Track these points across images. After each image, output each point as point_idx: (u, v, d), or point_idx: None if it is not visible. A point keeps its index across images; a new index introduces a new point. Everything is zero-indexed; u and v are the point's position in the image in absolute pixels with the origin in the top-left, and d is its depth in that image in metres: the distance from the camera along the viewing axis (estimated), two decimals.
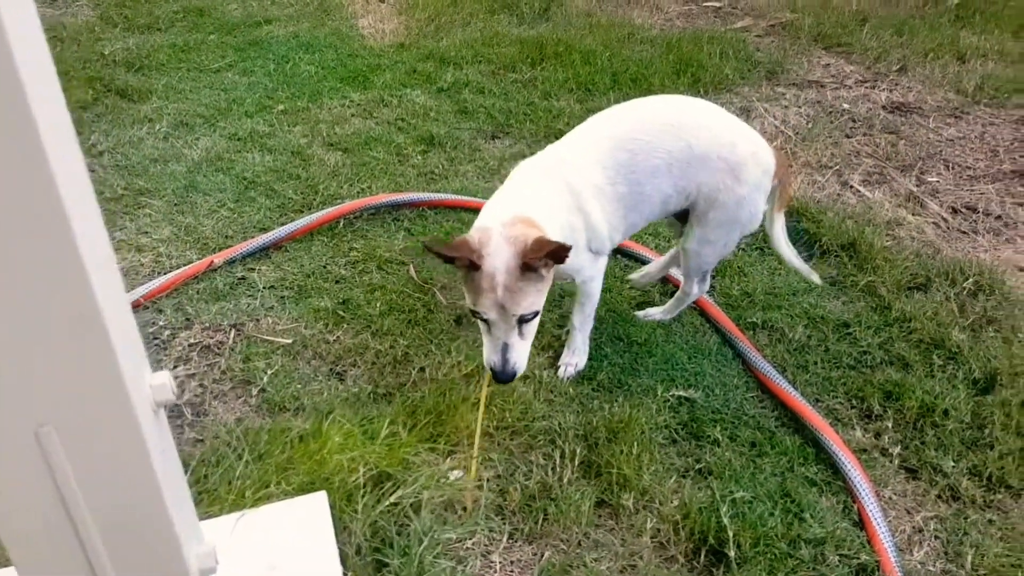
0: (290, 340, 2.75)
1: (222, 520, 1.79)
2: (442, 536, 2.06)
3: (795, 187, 3.76)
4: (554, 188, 2.33)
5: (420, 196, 3.51)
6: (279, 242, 3.19)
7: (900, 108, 4.62)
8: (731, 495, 2.19)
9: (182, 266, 3.05)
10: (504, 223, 2.15)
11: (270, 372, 2.61)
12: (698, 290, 2.78)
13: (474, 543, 2.11)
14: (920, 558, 2.13)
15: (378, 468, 2.15)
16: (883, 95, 4.76)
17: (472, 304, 2.16)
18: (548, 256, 2.07)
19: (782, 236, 2.73)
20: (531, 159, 2.46)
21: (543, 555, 2.08)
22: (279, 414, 2.46)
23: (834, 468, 2.33)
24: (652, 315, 2.92)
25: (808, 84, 4.89)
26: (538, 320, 2.23)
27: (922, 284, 3.08)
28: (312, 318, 2.85)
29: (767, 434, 2.45)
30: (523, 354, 2.21)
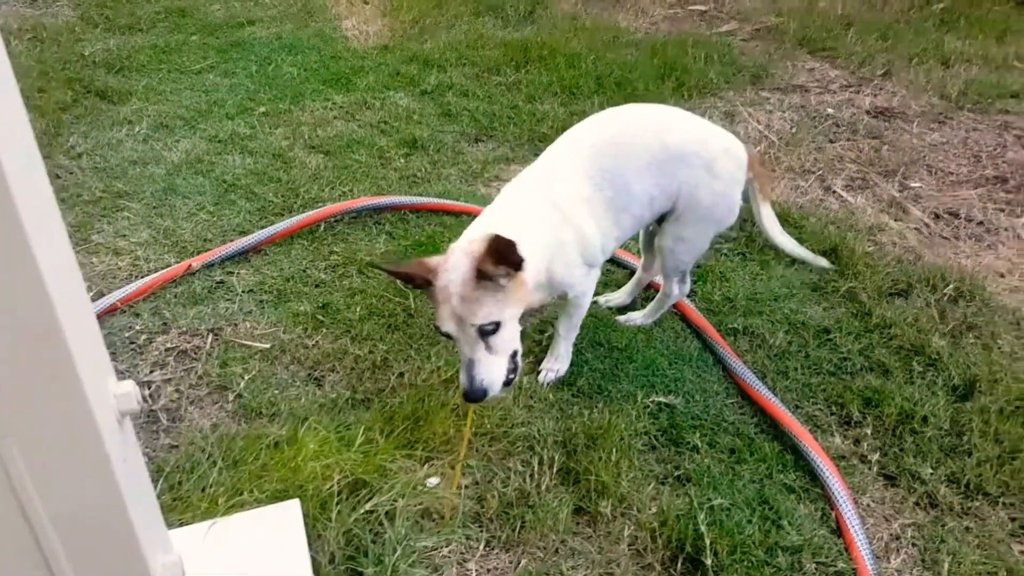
0: (268, 345, 2.73)
1: (193, 528, 1.77)
2: (418, 544, 2.05)
3: (777, 191, 3.76)
4: (538, 207, 2.32)
5: (402, 199, 3.49)
6: (259, 245, 3.17)
7: (884, 113, 4.63)
8: (709, 502, 2.18)
9: (160, 270, 3.03)
10: (471, 240, 2.13)
11: (247, 377, 2.59)
12: (679, 291, 2.79)
13: (450, 551, 2.10)
14: (897, 566, 2.12)
15: (354, 475, 2.13)
16: (867, 100, 4.77)
17: (436, 322, 2.11)
18: (498, 257, 2.01)
19: (775, 227, 2.75)
20: (514, 181, 2.45)
21: (520, 563, 2.07)
22: (255, 420, 2.43)
23: (813, 475, 2.32)
24: (634, 319, 2.92)
25: (792, 89, 4.89)
26: (509, 333, 2.15)
27: (903, 290, 3.09)
28: (291, 323, 2.83)
29: (746, 441, 2.44)
30: (493, 370, 2.11)
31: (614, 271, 3.21)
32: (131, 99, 4.41)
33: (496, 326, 2.09)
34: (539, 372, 2.66)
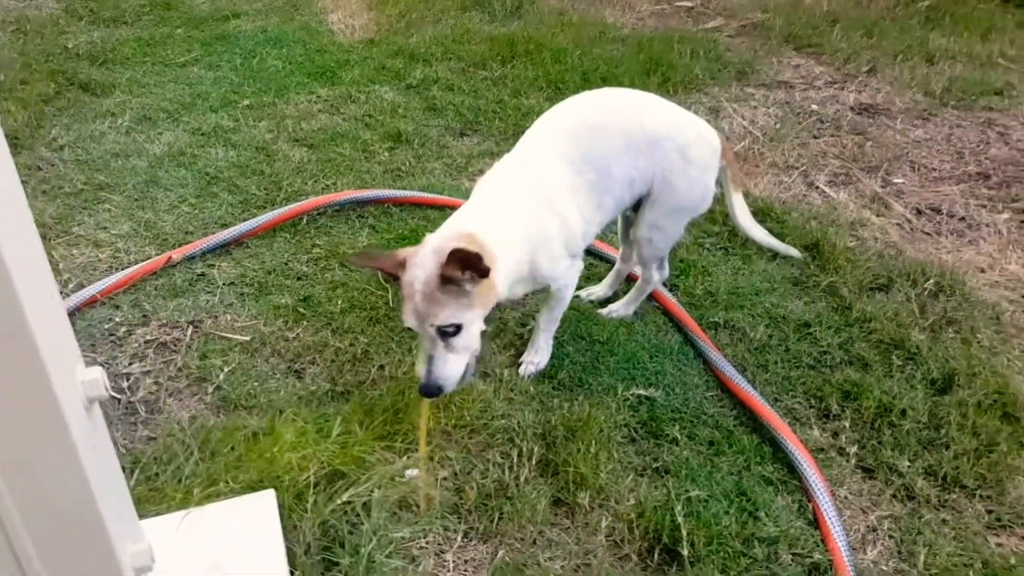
0: (248, 337, 2.72)
1: (167, 519, 1.76)
2: (394, 535, 2.05)
3: (760, 186, 3.77)
4: (522, 199, 2.31)
5: (386, 193, 3.48)
6: (240, 238, 3.16)
7: (868, 109, 4.64)
8: (686, 494, 2.19)
9: (140, 262, 3.01)
10: (442, 236, 2.13)
11: (227, 370, 2.58)
12: (658, 276, 2.80)
13: (428, 542, 2.10)
14: (873, 557, 2.13)
15: (331, 466, 2.13)
16: (851, 96, 4.78)
17: (400, 315, 2.12)
18: (461, 266, 2.01)
19: (746, 216, 2.79)
20: (492, 173, 2.43)
21: (497, 554, 2.07)
22: (234, 412, 2.43)
23: (791, 467, 2.33)
24: (615, 310, 2.92)
25: (777, 85, 4.90)
26: (470, 335, 2.14)
27: (884, 285, 3.10)
28: (272, 315, 2.82)
29: (725, 433, 2.45)
30: (450, 368, 2.12)
31: (597, 265, 3.21)
32: (114, 92, 4.39)
33: (457, 328, 2.09)
34: (519, 365, 2.65)
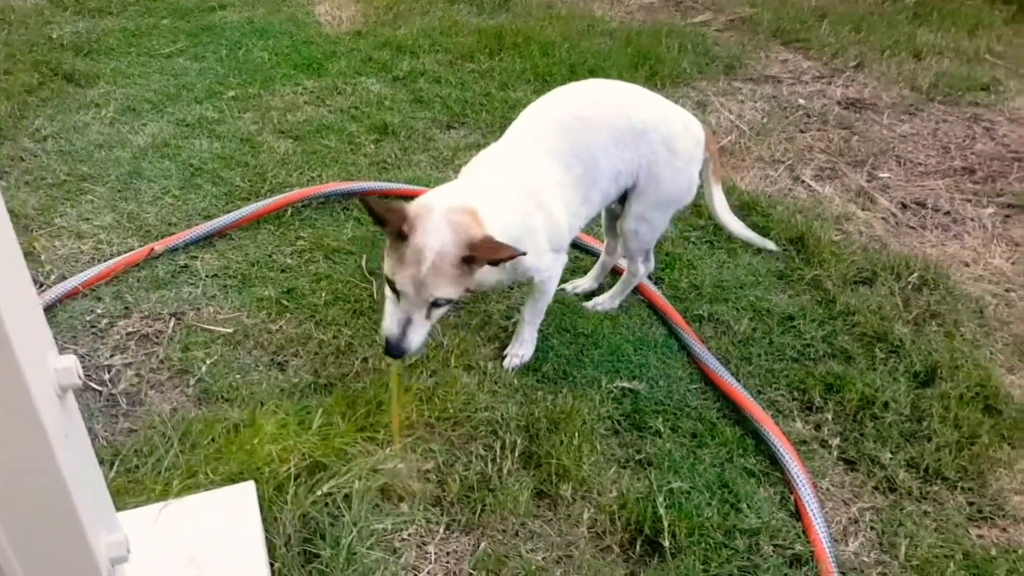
0: (231, 329, 2.71)
1: (145, 510, 1.75)
2: (376, 526, 2.04)
3: (747, 180, 3.77)
4: (510, 192, 2.30)
5: (371, 185, 3.47)
6: (224, 230, 3.14)
7: (855, 104, 4.65)
8: (668, 485, 2.19)
9: (123, 253, 2.99)
10: (449, 207, 2.10)
11: (209, 362, 2.57)
12: (644, 269, 2.80)
13: (410, 534, 2.09)
14: (855, 549, 2.14)
15: (312, 458, 2.12)
16: (839, 91, 4.78)
17: (390, 273, 2.09)
18: (496, 258, 2.04)
19: (725, 209, 2.79)
20: (477, 161, 2.43)
21: (479, 545, 2.07)
22: (216, 404, 2.42)
23: (773, 459, 2.34)
24: (601, 303, 2.92)
25: (765, 79, 4.90)
26: (448, 308, 2.18)
27: (868, 278, 3.10)
28: (255, 307, 2.80)
29: (708, 425, 2.45)
30: (422, 335, 2.14)
31: (582, 258, 3.21)
32: (99, 82, 4.35)
33: (448, 303, 2.11)
34: (504, 357, 2.65)
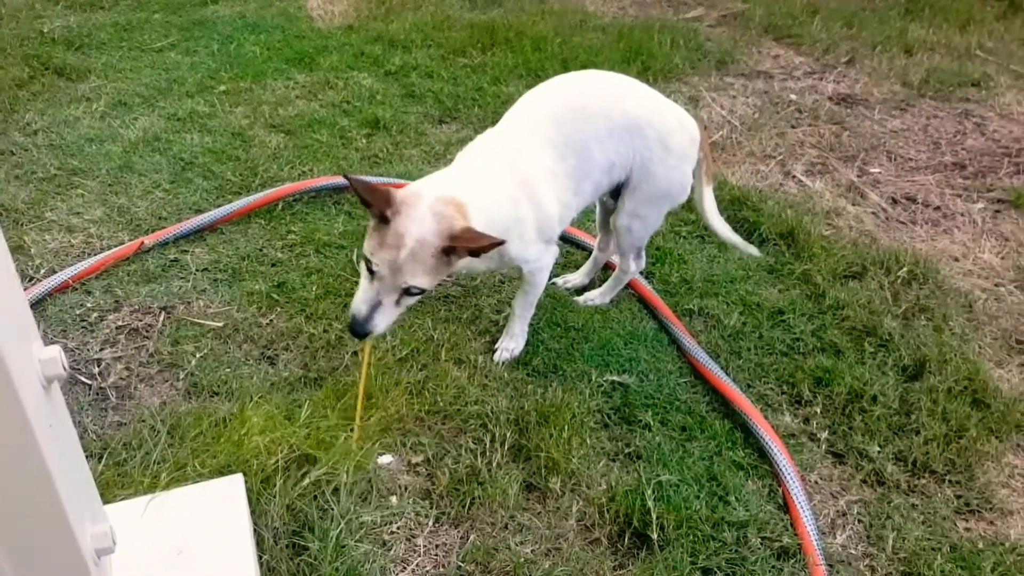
0: (221, 323, 2.71)
1: (133, 502, 1.75)
2: (365, 519, 2.05)
3: (737, 175, 3.77)
4: (501, 181, 2.30)
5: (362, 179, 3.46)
6: (215, 224, 3.13)
7: (846, 100, 4.65)
8: (657, 478, 2.20)
9: (113, 247, 2.99)
10: (437, 196, 2.10)
11: (199, 356, 2.57)
12: (635, 267, 2.81)
13: (399, 527, 2.10)
14: (842, 541, 2.15)
15: (300, 451, 2.12)
16: (830, 86, 4.79)
17: (369, 253, 2.08)
18: (476, 248, 2.04)
19: (713, 210, 2.79)
20: (472, 147, 2.42)
21: (468, 538, 2.08)
22: (206, 398, 2.41)
23: (762, 452, 2.34)
24: (592, 299, 2.92)
25: (757, 75, 4.91)
26: (422, 296, 2.18)
27: (857, 273, 3.11)
28: (245, 301, 2.80)
29: (697, 419, 2.46)
30: (389, 319, 2.14)
31: (574, 253, 3.21)
32: (90, 76, 4.34)
33: (420, 292, 2.11)
34: (494, 351, 2.65)
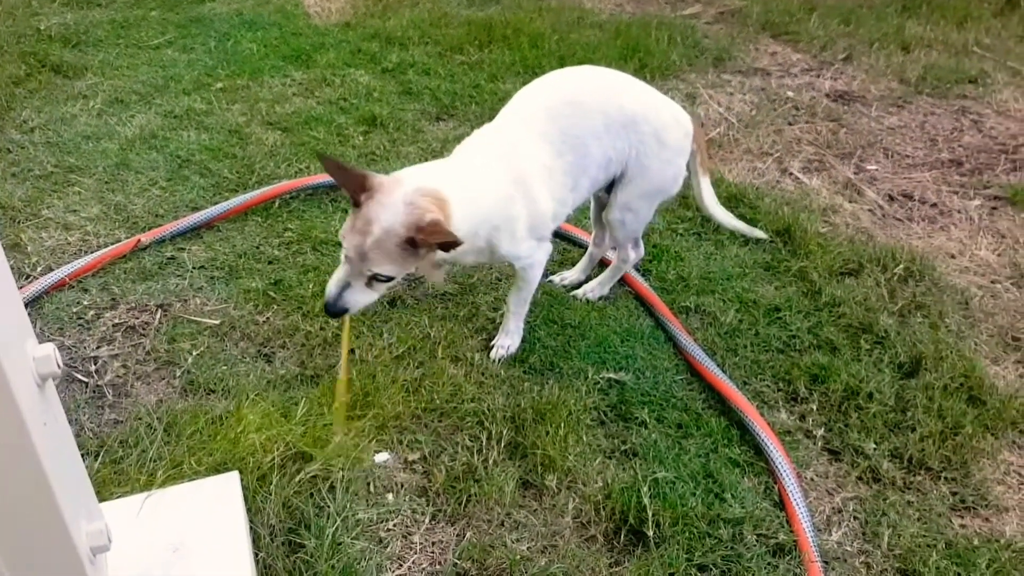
0: (218, 321, 2.71)
1: (129, 500, 1.75)
2: (361, 516, 2.05)
3: (735, 172, 3.78)
4: (489, 175, 2.29)
5: None
6: (211, 222, 3.13)
7: (843, 96, 4.66)
8: (653, 475, 2.20)
9: (110, 245, 2.99)
10: (417, 187, 2.09)
11: (195, 353, 2.57)
12: (634, 256, 2.83)
13: (395, 524, 2.10)
14: (838, 538, 2.15)
15: (296, 448, 2.12)
16: (827, 83, 4.79)
17: (341, 235, 2.11)
18: (438, 244, 2.05)
19: (712, 199, 2.83)
20: (473, 141, 2.41)
21: (464, 535, 2.08)
22: (202, 396, 2.42)
23: (758, 449, 2.35)
24: (591, 290, 2.92)
25: (754, 72, 4.91)
26: (394, 284, 2.23)
27: (854, 270, 3.12)
28: (242, 299, 2.80)
29: (694, 416, 2.46)
30: (361, 300, 2.18)
31: (570, 250, 3.21)
32: (86, 74, 4.34)
33: (388, 280, 2.14)
34: (491, 348, 2.66)
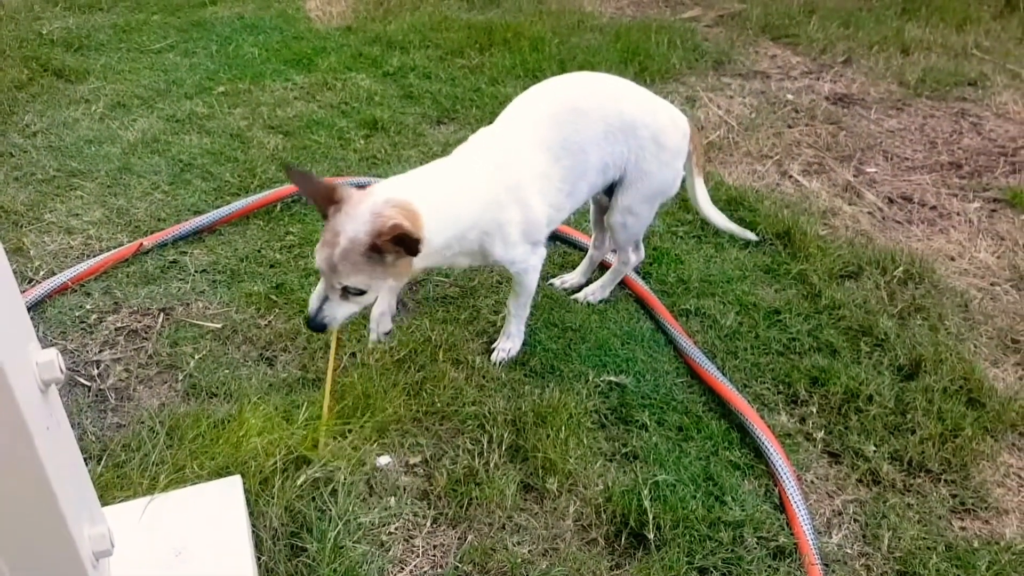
0: (220, 325, 2.72)
1: (131, 504, 1.76)
2: (362, 520, 2.06)
3: (734, 175, 3.79)
4: (482, 179, 2.29)
5: (360, 180, 3.47)
6: (213, 225, 3.14)
7: (843, 99, 4.67)
8: (654, 478, 2.21)
9: (112, 249, 3.00)
10: (387, 199, 2.08)
11: (198, 357, 2.58)
12: (635, 258, 2.85)
13: (397, 527, 2.11)
14: (838, 541, 2.16)
15: (297, 452, 2.13)
16: (827, 86, 4.80)
17: (315, 250, 2.10)
18: (397, 245, 2.01)
19: (707, 201, 2.85)
20: (468, 146, 2.41)
21: (466, 538, 2.09)
22: (204, 399, 2.43)
23: (758, 452, 2.35)
24: (591, 294, 2.93)
25: (754, 75, 4.92)
26: (371, 297, 2.18)
27: (854, 272, 3.12)
28: (244, 302, 2.81)
29: (694, 419, 2.47)
30: (340, 312, 2.15)
31: (571, 253, 3.22)
32: (88, 78, 4.36)
33: (361, 293, 2.11)
34: (491, 352, 2.67)
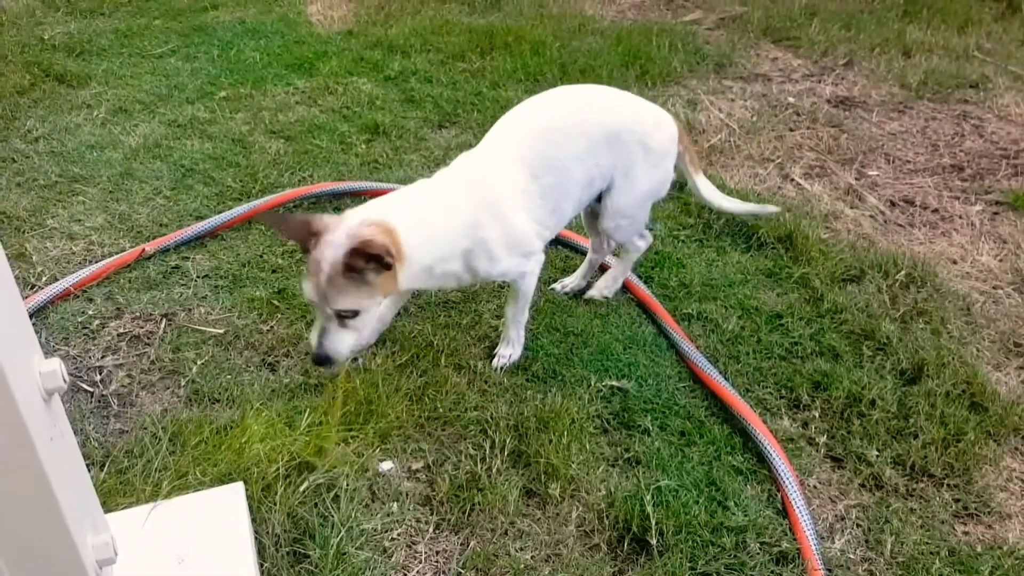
0: (222, 330, 2.72)
1: (135, 511, 1.76)
2: (365, 526, 2.06)
3: (736, 178, 3.79)
4: (459, 200, 2.30)
5: (362, 185, 3.48)
6: (215, 231, 3.15)
7: (844, 102, 4.66)
8: (657, 483, 2.21)
9: (114, 254, 3.00)
10: (363, 220, 2.12)
11: (200, 363, 2.58)
12: (643, 244, 2.87)
13: (399, 533, 2.11)
14: (841, 546, 2.16)
15: (300, 458, 2.13)
16: (828, 89, 4.80)
17: (303, 282, 2.12)
18: (366, 259, 2.04)
19: (715, 193, 2.90)
20: (453, 168, 2.42)
21: (468, 544, 2.08)
22: (207, 405, 2.43)
23: (760, 457, 2.35)
24: (605, 288, 2.95)
25: (755, 77, 4.92)
26: (367, 318, 2.20)
27: (856, 276, 3.12)
28: (246, 308, 2.82)
29: (696, 424, 2.47)
30: (342, 343, 2.17)
31: (572, 257, 3.22)
32: (90, 83, 4.36)
33: (355, 313, 2.13)
34: (493, 357, 2.67)
